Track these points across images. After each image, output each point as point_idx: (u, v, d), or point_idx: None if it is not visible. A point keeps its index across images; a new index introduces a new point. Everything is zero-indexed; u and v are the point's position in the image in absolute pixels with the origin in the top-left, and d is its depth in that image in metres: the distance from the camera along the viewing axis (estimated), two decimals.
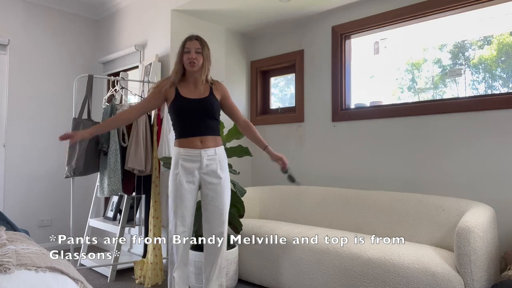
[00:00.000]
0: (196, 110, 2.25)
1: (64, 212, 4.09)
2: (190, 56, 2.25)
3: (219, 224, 2.32)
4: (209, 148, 2.27)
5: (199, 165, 2.26)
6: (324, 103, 3.59)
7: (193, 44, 2.27)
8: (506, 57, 2.76)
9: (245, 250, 2.94)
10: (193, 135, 2.26)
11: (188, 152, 2.26)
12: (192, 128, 2.26)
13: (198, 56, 2.26)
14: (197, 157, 2.25)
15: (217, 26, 3.89)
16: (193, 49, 2.26)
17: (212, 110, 2.28)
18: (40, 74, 4.01)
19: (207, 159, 2.27)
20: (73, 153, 2.89)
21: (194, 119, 2.25)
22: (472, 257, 1.99)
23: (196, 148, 2.25)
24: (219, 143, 2.34)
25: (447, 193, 2.83)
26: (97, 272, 3.28)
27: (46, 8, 4.07)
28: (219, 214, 2.31)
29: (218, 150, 2.32)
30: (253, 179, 4.18)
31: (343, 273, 2.38)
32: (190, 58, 2.25)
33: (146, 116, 3.11)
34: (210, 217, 2.32)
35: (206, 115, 2.27)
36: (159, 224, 3.09)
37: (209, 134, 2.29)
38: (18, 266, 1.35)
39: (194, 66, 2.26)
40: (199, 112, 2.25)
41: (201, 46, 2.28)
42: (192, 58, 2.24)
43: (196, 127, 2.26)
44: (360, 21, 3.34)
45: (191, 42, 2.28)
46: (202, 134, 2.27)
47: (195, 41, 2.28)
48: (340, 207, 3.02)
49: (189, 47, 2.27)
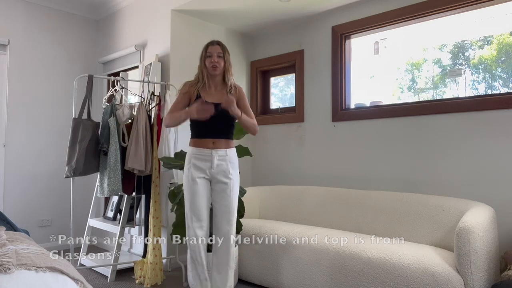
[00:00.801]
0: (214, 115, 2.31)
1: (64, 212, 4.09)
2: (212, 60, 2.36)
3: (227, 222, 2.39)
4: (220, 149, 2.37)
5: (210, 165, 2.36)
6: (324, 103, 3.59)
7: (215, 48, 2.38)
8: (506, 57, 2.76)
9: (245, 250, 2.94)
10: (206, 137, 2.37)
11: (200, 152, 2.37)
12: (206, 130, 2.37)
13: (219, 60, 2.38)
14: (208, 157, 2.36)
15: (217, 26, 3.89)
16: (215, 53, 2.37)
17: (227, 114, 2.34)
18: (40, 74, 4.01)
19: (218, 159, 2.36)
20: (73, 153, 2.89)
21: (209, 121, 2.32)
22: (472, 257, 1.99)
23: (207, 148, 2.36)
24: (230, 145, 2.44)
25: (447, 193, 2.82)
26: (97, 272, 3.27)
27: (46, 8, 4.07)
28: (227, 213, 2.38)
29: (229, 151, 2.41)
30: (253, 179, 4.18)
31: (343, 273, 2.38)
32: (212, 61, 2.35)
33: (146, 116, 3.11)
34: (218, 216, 2.39)
35: (221, 119, 2.36)
36: (159, 224, 3.09)
37: (222, 137, 2.39)
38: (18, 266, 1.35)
39: (216, 70, 2.38)
40: (215, 115, 2.31)
41: (222, 51, 2.39)
42: (214, 62, 2.35)
43: (211, 129, 2.37)
44: (360, 21, 3.34)
45: (213, 46, 2.39)
46: (215, 137, 2.38)
47: (217, 46, 2.40)
48: (340, 207, 3.02)
49: (211, 51, 2.38)
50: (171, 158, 3.00)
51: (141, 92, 3.35)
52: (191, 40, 3.61)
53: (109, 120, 3.00)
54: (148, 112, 3.20)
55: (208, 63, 2.37)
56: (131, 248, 3.74)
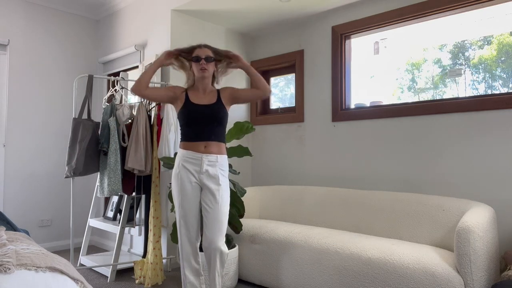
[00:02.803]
0: (203, 116, 2.31)
1: (64, 212, 4.09)
2: (201, 63, 2.30)
3: (216, 235, 2.26)
4: (211, 154, 2.31)
5: (199, 169, 2.29)
6: (324, 103, 3.59)
7: (203, 51, 2.33)
8: (506, 57, 2.76)
9: (245, 250, 2.94)
10: (197, 140, 2.31)
11: (190, 155, 2.30)
12: (197, 132, 2.31)
13: (208, 64, 2.32)
14: (198, 160, 2.29)
15: (217, 26, 3.89)
16: (203, 56, 2.31)
17: (218, 116, 2.33)
18: (40, 74, 4.01)
19: (207, 164, 2.29)
20: (73, 153, 2.89)
21: (200, 124, 2.30)
22: (472, 257, 1.99)
23: (198, 152, 2.30)
24: (222, 150, 2.37)
25: (447, 193, 2.82)
26: (97, 272, 3.27)
27: (46, 8, 4.07)
28: (216, 222, 2.27)
29: (220, 158, 2.34)
30: (253, 179, 4.18)
31: (343, 273, 2.38)
32: (201, 65, 2.30)
33: (146, 116, 3.11)
34: (208, 226, 2.28)
35: (212, 121, 2.32)
36: (159, 224, 3.09)
37: (213, 140, 2.32)
38: (18, 266, 1.35)
39: (205, 72, 2.32)
40: (206, 118, 2.30)
41: (211, 54, 2.34)
42: (203, 65, 2.30)
43: (202, 132, 2.31)
44: (360, 21, 3.34)
45: (200, 49, 2.33)
46: (207, 140, 2.31)
47: (205, 49, 2.34)
48: (340, 207, 3.02)
49: (199, 54, 2.32)
50: (171, 158, 3.00)
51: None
52: (191, 40, 3.58)
53: (109, 120, 3.00)
54: (148, 112, 3.20)
55: (196, 66, 2.32)
56: (131, 248, 3.74)
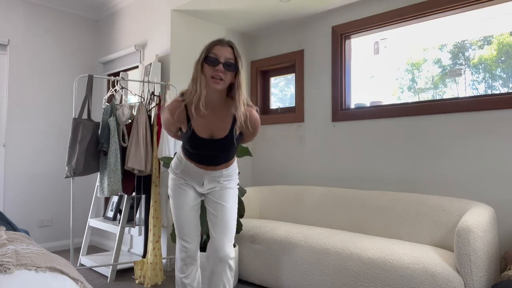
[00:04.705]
0: (210, 150, 1.89)
1: (64, 212, 4.09)
2: (217, 69, 1.70)
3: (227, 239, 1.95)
4: (215, 170, 1.97)
5: (199, 184, 2.02)
6: (324, 103, 3.59)
7: (224, 51, 1.73)
8: (506, 57, 2.76)
9: (245, 250, 2.94)
10: (201, 163, 1.96)
11: (192, 167, 1.97)
12: (201, 158, 1.94)
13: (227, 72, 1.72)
14: (199, 175, 1.99)
15: (217, 26, 3.89)
16: (222, 58, 1.71)
17: (231, 149, 1.91)
18: (40, 74, 4.01)
19: (209, 180, 1.99)
20: (73, 153, 2.89)
21: (205, 155, 1.91)
22: (472, 257, 1.99)
23: (200, 168, 1.97)
24: (230, 163, 2.03)
25: (447, 193, 2.82)
26: (97, 272, 3.27)
27: (46, 8, 4.07)
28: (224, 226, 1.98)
29: (226, 170, 2.00)
30: (253, 179, 4.18)
31: (343, 273, 2.38)
32: (216, 71, 1.70)
33: (146, 116, 3.11)
34: (215, 231, 1.99)
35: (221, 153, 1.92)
36: (159, 224, 3.09)
37: (219, 164, 1.96)
38: (18, 266, 1.35)
39: (219, 84, 1.70)
40: (214, 151, 1.89)
41: (234, 57, 1.73)
42: (219, 73, 1.69)
43: (207, 160, 1.94)
44: (360, 21, 3.34)
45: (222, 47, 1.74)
46: (214, 165, 1.96)
47: (228, 48, 1.74)
48: (340, 207, 3.02)
49: (218, 54, 1.70)
50: (171, 158, 3.00)
51: (141, 92, 3.35)
52: (191, 40, 3.61)
53: (109, 120, 3.00)
54: (148, 112, 3.20)
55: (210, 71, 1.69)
56: (131, 248, 3.74)
